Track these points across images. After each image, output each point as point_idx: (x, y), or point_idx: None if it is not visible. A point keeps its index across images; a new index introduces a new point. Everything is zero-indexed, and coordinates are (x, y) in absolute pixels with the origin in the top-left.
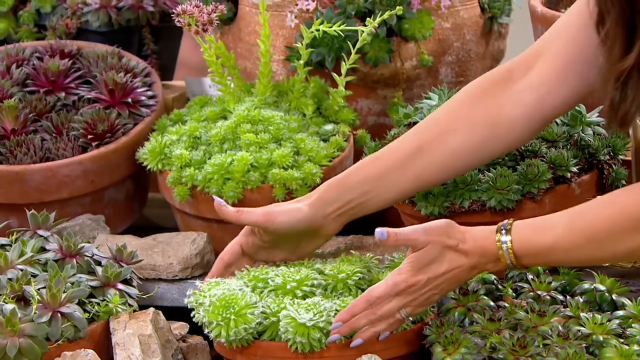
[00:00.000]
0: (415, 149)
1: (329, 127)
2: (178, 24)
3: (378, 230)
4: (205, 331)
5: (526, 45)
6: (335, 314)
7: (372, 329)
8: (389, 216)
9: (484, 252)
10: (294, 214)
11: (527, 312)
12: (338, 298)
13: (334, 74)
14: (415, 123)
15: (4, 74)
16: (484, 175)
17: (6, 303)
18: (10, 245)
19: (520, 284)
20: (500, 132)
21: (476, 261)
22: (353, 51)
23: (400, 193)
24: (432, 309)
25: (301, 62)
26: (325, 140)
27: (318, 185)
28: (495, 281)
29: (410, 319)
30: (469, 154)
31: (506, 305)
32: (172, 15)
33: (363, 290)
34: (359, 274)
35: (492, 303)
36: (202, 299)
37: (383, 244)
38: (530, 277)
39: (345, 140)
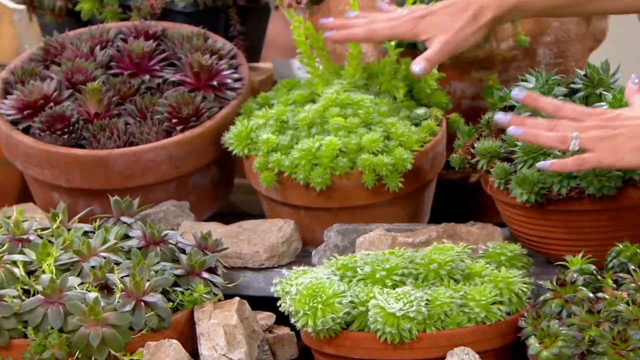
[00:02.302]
0: None
1: (420, 110)
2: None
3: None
4: (292, 321)
5: (629, 24)
6: (426, 304)
7: (536, 130)
8: (483, 203)
9: None
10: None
11: (629, 304)
12: (429, 288)
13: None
14: (511, 107)
15: (87, 55)
16: None
17: (89, 291)
18: (94, 232)
19: (621, 274)
20: None
21: None
22: None
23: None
24: (527, 300)
25: (392, 43)
26: (416, 125)
27: (409, 171)
28: (594, 272)
29: (577, 148)
30: None
31: (606, 296)
32: None
33: (456, 281)
34: (451, 264)
35: (591, 294)
36: (288, 287)
37: None
38: (631, 267)
39: (438, 125)
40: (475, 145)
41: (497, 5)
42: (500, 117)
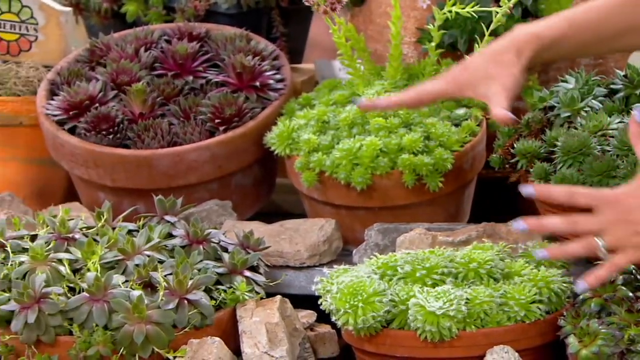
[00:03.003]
0: None
1: (461, 111)
2: (306, 4)
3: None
4: (333, 319)
5: None
6: (466, 302)
7: (562, 246)
8: (523, 204)
9: None
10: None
11: None
12: (469, 287)
13: (467, 57)
14: (550, 107)
15: (132, 57)
16: (623, 161)
17: (133, 289)
18: (138, 231)
19: None
20: None
21: None
22: (487, 33)
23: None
24: (567, 299)
25: (433, 44)
26: (457, 125)
27: (449, 171)
28: (634, 271)
29: (604, 250)
30: None
31: None
32: None
33: (495, 280)
34: (490, 263)
35: (630, 294)
36: (329, 286)
37: None
38: None
39: (478, 125)
40: (515, 145)
41: (534, 42)
42: (518, 225)
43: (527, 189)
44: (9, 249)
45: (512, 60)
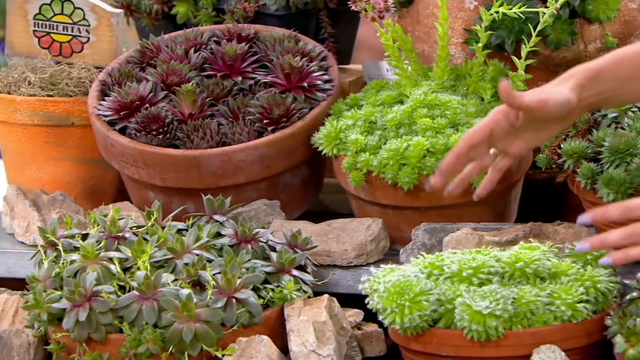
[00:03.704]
0: None
1: None
2: (354, 9)
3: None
4: (380, 318)
5: None
6: (513, 302)
7: (626, 250)
8: (570, 202)
9: None
10: (560, 98)
11: None
12: (515, 286)
13: (514, 57)
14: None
15: (182, 58)
16: None
17: (182, 288)
18: (187, 230)
19: None
20: None
21: None
22: (534, 33)
23: None
24: (614, 298)
25: (480, 44)
26: None
27: None
28: None
29: None
30: None
31: None
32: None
33: (542, 279)
34: (537, 263)
35: None
36: (376, 285)
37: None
38: None
39: None
40: (562, 145)
41: (582, 72)
42: (582, 246)
43: (583, 218)
44: (60, 247)
45: (556, 81)
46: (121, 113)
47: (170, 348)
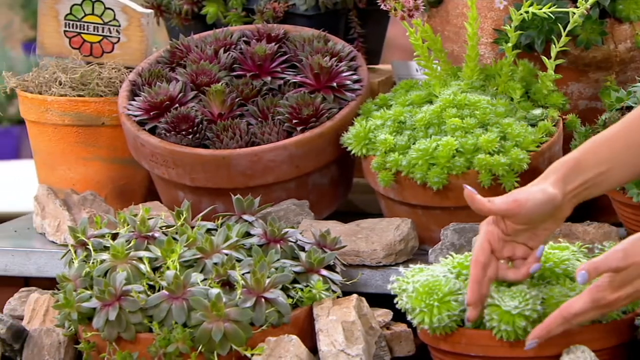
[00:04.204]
0: None
1: (537, 111)
2: (384, 8)
3: (579, 274)
4: (408, 317)
5: None
6: (542, 302)
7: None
8: (600, 203)
9: None
10: (541, 196)
11: None
12: (545, 286)
13: (544, 57)
14: (628, 107)
15: (212, 58)
16: None
17: (212, 287)
18: (216, 230)
19: None
20: None
21: None
22: (564, 33)
23: (635, 174)
24: None
25: (509, 44)
26: (533, 125)
27: (525, 171)
28: None
29: None
30: None
31: None
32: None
33: (571, 280)
34: (567, 263)
35: None
36: (405, 285)
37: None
38: None
39: (554, 125)
40: None
41: (561, 166)
42: (580, 278)
43: (581, 277)
44: (90, 247)
45: (542, 177)
46: (151, 113)
47: (200, 347)
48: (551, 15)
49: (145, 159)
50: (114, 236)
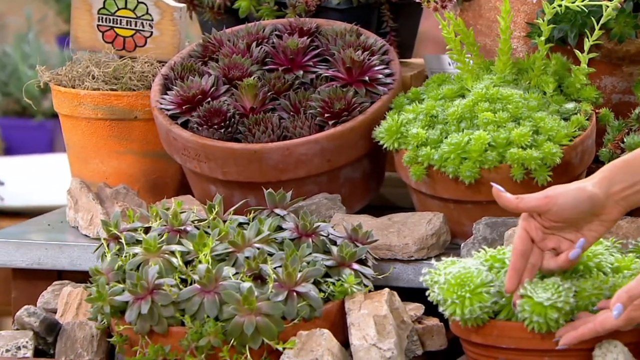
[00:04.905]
0: None
1: (570, 105)
2: (416, 0)
3: (615, 307)
4: (440, 309)
5: None
6: (574, 294)
7: None
8: None
9: None
10: (576, 194)
11: None
12: (577, 279)
13: (577, 51)
14: None
15: (244, 52)
16: None
17: (243, 281)
18: (248, 224)
19: None
20: None
21: None
22: (597, 27)
23: None
24: None
25: (542, 38)
26: (566, 119)
27: (557, 165)
28: None
29: None
30: None
31: None
32: None
33: (604, 274)
34: (600, 256)
35: None
36: (437, 277)
37: None
38: None
39: (587, 119)
40: (625, 139)
41: (609, 167)
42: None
43: (617, 310)
44: (123, 240)
45: (591, 176)
46: (183, 107)
47: (232, 341)
48: (584, 9)
49: (177, 152)
50: (147, 230)
